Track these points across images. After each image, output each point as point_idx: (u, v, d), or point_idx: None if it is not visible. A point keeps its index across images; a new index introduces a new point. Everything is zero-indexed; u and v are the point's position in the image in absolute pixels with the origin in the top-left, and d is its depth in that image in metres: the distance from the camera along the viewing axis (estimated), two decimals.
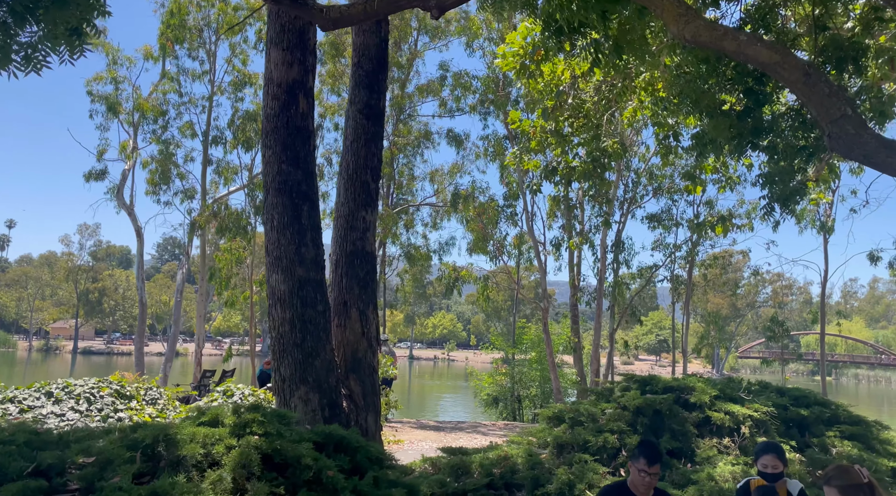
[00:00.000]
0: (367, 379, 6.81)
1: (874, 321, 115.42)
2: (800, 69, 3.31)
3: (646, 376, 8.64)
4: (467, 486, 7.30)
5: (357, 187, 7.27)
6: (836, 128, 3.37)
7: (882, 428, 8.22)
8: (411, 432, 14.78)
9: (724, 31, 3.53)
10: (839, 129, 3.36)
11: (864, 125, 3.44)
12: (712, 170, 14.87)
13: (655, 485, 4.60)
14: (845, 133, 3.35)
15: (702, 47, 5.03)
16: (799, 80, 3.36)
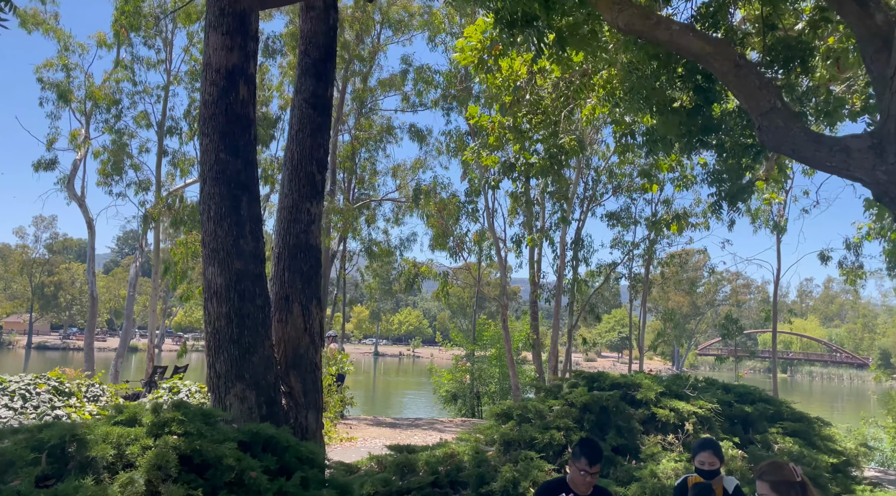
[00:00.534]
0: (309, 375, 6.62)
1: (828, 320, 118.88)
2: (730, 60, 3.26)
3: (594, 373, 8.63)
4: (412, 485, 7.18)
5: (302, 178, 7.06)
6: (766, 121, 3.34)
7: (824, 424, 8.35)
8: (366, 429, 14.61)
9: (658, 21, 3.46)
10: (769, 121, 3.33)
11: (794, 118, 3.41)
12: (668, 168, 15.02)
13: (595, 483, 4.54)
14: (775, 126, 3.31)
15: (636, 36, 4.98)
16: (730, 72, 3.31)
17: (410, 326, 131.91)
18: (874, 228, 16.53)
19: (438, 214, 19.55)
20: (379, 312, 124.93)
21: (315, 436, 6.52)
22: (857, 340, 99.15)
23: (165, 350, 71.45)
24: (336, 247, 23.09)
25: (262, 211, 6.68)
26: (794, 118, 3.41)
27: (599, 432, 7.63)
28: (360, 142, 23.64)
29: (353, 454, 10.66)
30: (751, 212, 19.23)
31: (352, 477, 7.79)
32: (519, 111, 12.27)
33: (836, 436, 8.15)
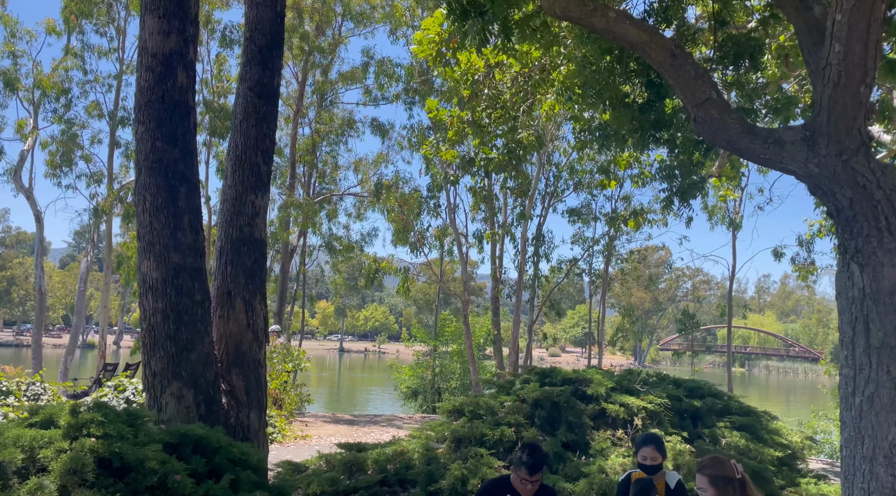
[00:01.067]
0: (252, 373, 6.42)
1: (785, 315, 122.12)
2: (666, 49, 3.20)
3: (546, 368, 8.60)
4: (359, 484, 7.04)
5: (246, 169, 6.85)
6: (702, 112, 3.29)
7: (771, 418, 8.46)
8: (323, 427, 14.39)
9: (594, 8, 3.39)
10: (704, 113, 3.28)
11: (729, 109, 3.37)
12: (626, 165, 15.10)
13: (537, 489, 4.47)
14: (710, 117, 3.27)
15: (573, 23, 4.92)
16: (665, 61, 3.26)
17: (376, 322, 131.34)
18: (825, 225, 16.90)
19: (400, 209, 19.37)
20: (344, 308, 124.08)
21: (258, 435, 6.33)
22: (812, 335, 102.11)
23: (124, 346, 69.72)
24: (296, 241, 22.75)
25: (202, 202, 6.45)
26: (729, 110, 3.36)
27: (550, 428, 7.60)
28: (321, 135, 23.29)
29: (307, 452, 10.45)
30: (707, 209, 19.53)
31: (299, 476, 7.62)
32: (478, 106, 12.17)
33: (783, 429, 8.26)
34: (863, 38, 2.75)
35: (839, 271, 3.29)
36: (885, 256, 3.06)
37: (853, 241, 3.15)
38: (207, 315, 6.17)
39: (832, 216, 3.25)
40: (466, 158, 14.45)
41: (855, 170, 3.05)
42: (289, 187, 21.77)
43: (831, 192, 3.13)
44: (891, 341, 3.03)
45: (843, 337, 3.24)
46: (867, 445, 3.02)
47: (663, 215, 21.23)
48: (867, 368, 3.07)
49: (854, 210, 3.10)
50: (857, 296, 3.14)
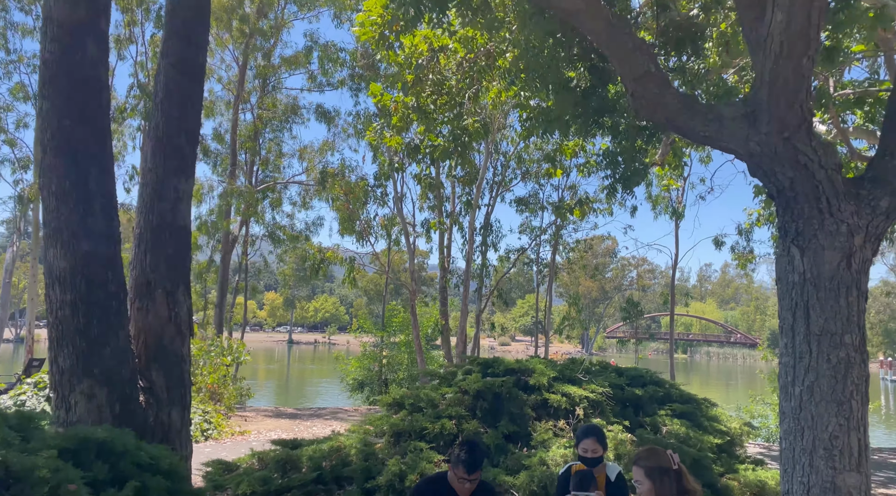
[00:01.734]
0: (174, 369, 6.01)
1: (725, 303, 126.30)
2: (603, 18, 3.00)
3: (489, 358, 8.42)
4: (293, 482, 6.72)
5: (168, 151, 6.39)
6: (640, 86, 3.11)
7: (711, 405, 8.49)
8: (263, 422, 13.94)
9: None
10: (642, 87, 3.10)
11: (668, 84, 3.19)
12: (572, 153, 15.06)
13: (476, 487, 4.26)
14: (648, 92, 3.09)
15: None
16: (603, 31, 3.06)
17: (327, 313, 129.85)
18: (763, 214, 17.27)
19: (345, 198, 18.90)
20: (293, 299, 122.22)
21: (180, 435, 5.94)
22: (750, 322, 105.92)
23: None
24: (238, 231, 22.02)
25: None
26: (668, 84, 3.19)
27: (492, 419, 7.42)
28: (264, 121, 22.54)
29: (244, 449, 10.01)
30: (651, 198, 19.75)
31: (229, 476, 7.24)
32: (423, 91, 11.87)
33: (722, 416, 8.31)
34: (806, 7, 2.60)
35: (779, 255, 3.15)
36: (826, 239, 2.94)
37: (794, 224, 3.01)
38: (123, 307, 5.73)
39: (772, 197, 3.12)
40: (412, 145, 14.14)
41: (796, 148, 2.92)
42: (230, 175, 21.01)
43: (772, 171, 2.99)
44: (831, 328, 2.91)
45: (782, 324, 3.11)
46: (807, 437, 2.90)
47: (608, 204, 21.43)
48: (807, 357, 2.95)
49: (795, 191, 2.96)
50: (798, 282, 3.01)
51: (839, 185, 2.95)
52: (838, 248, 2.93)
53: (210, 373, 13.97)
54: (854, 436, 2.84)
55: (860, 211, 2.95)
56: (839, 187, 2.95)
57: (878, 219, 2.96)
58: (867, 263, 2.97)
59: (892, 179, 2.96)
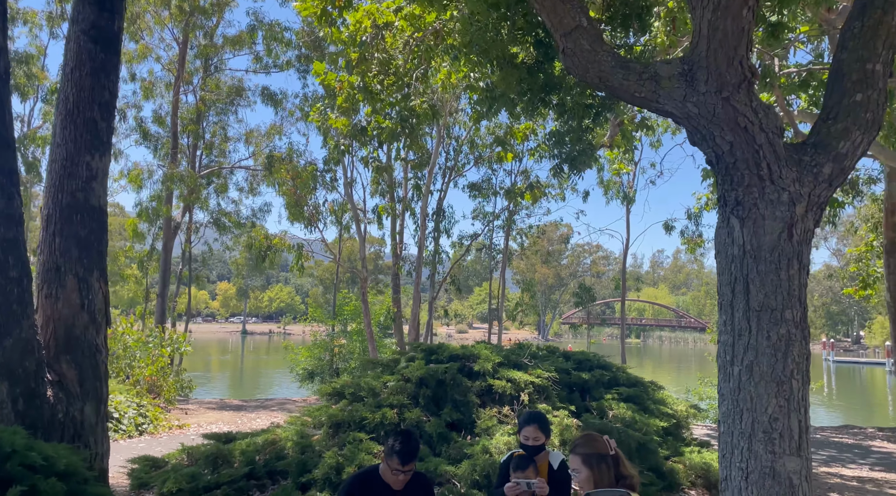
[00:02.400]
0: (87, 361, 5.56)
1: (676, 288, 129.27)
2: None
3: (433, 345, 8.16)
4: (222, 478, 6.34)
5: (80, 126, 5.89)
6: (570, 42, 2.86)
7: (657, 388, 8.42)
8: (204, 414, 13.43)
9: None
10: (573, 43, 2.85)
11: (601, 40, 2.95)
12: (523, 137, 14.89)
13: (410, 478, 3.99)
14: (580, 48, 2.84)
15: None
16: None
17: (282, 303, 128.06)
18: (712, 199, 17.45)
19: (292, 183, 18.34)
20: (247, 289, 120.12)
21: (94, 430, 5.50)
22: (701, 306, 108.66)
23: None
24: (180, 217, 21.22)
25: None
26: (601, 41, 2.94)
27: (435, 407, 7.17)
28: (207, 103, 21.70)
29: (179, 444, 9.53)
30: (603, 183, 19.78)
31: (156, 473, 6.82)
32: (369, 70, 11.47)
33: (669, 399, 8.25)
34: None
35: (718, 227, 2.95)
36: (767, 208, 2.74)
37: (733, 193, 2.81)
38: (27, 294, 5.25)
39: (711, 164, 2.91)
40: (358, 127, 13.72)
41: (736, 109, 2.71)
42: (171, 159, 20.17)
43: (710, 135, 2.78)
44: (772, 303, 2.72)
45: (721, 300, 2.91)
46: (745, 420, 2.71)
47: (560, 189, 21.42)
48: (746, 334, 2.75)
49: (734, 156, 2.75)
50: (737, 254, 2.81)
51: (780, 151, 2.76)
52: (779, 218, 2.74)
53: (148, 365, 13.37)
54: (794, 418, 2.66)
55: (802, 178, 2.77)
56: (780, 153, 2.75)
57: (820, 186, 2.78)
58: (809, 234, 2.79)
59: (836, 144, 2.78)
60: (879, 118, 2.79)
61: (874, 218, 19.80)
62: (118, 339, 13.42)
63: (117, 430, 10.42)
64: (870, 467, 10.03)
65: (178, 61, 20.44)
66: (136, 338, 13.58)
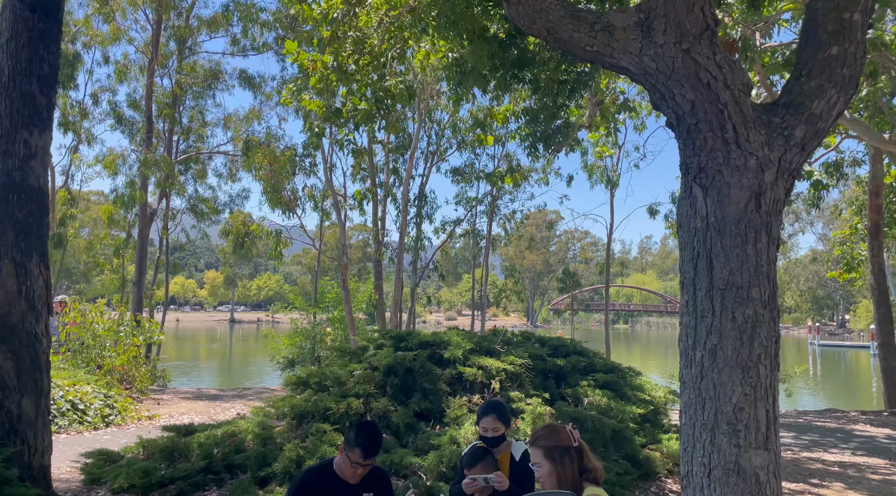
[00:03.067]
0: (26, 351, 5.23)
1: (664, 274, 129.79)
2: None
3: (403, 331, 7.88)
4: (178, 473, 6.04)
5: (16, 100, 5.52)
6: None
7: (635, 374, 8.19)
8: (178, 405, 13.10)
9: None
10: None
11: None
12: (503, 119, 14.56)
13: (367, 472, 3.73)
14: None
15: None
16: None
17: (270, 292, 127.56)
18: None
19: (270, 168, 17.91)
20: (234, 278, 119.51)
21: (34, 425, 5.18)
22: None
23: None
24: (157, 204, 20.75)
25: None
26: None
27: (403, 396, 6.90)
28: (183, 87, 21.16)
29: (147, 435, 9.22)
30: (587, 167, 19.49)
31: (109, 468, 6.51)
32: (343, 50, 11.09)
33: (647, 385, 8.01)
34: None
35: (680, 197, 2.67)
36: (732, 175, 2.46)
37: (695, 158, 2.52)
38: None
39: (672, 127, 2.62)
40: (333, 108, 13.34)
41: (697, 63, 2.41)
42: (146, 144, 19.67)
43: (670, 93, 2.49)
44: (737, 281, 2.44)
45: (683, 278, 2.63)
46: (708, 410, 2.44)
47: (544, 174, 21.10)
48: (710, 315, 2.48)
49: (696, 116, 2.46)
50: (700, 227, 2.53)
51: (748, 111, 2.47)
52: (746, 186, 2.46)
53: (119, 354, 13.01)
54: (761, 407, 2.40)
55: (772, 141, 2.48)
56: (748, 113, 2.47)
57: (792, 151, 2.50)
58: (779, 204, 2.51)
59: (809, 104, 2.50)
60: (857, 74, 2.51)
61: (858, 200, 19.68)
62: (87, 328, 13.04)
63: (82, 422, 10.09)
64: (852, 452, 9.89)
65: (152, 43, 19.88)
66: (107, 327, 13.20)
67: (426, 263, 20.66)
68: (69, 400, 10.20)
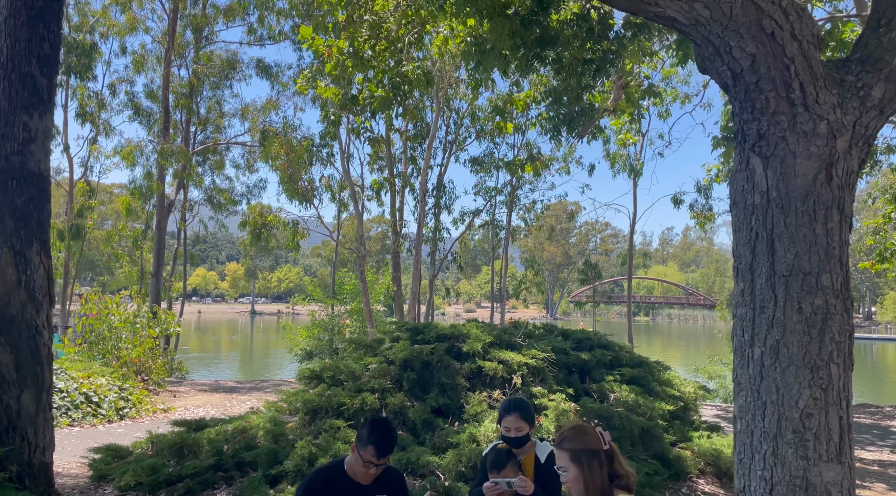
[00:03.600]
0: (26, 343, 5.01)
1: (686, 266, 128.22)
2: None
3: (419, 324, 7.58)
4: (186, 470, 5.81)
5: (15, 81, 5.29)
6: None
7: (664, 368, 7.81)
8: (194, 397, 12.97)
9: None
10: None
11: None
12: (523, 106, 14.14)
13: (381, 472, 3.44)
14: None
15: None
16: None
17: (291, 283, 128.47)
18: (722, 171, 16.66)
19: (286, 158, 17.69)
20: (255, 270, 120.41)
21: (33, 421, 4.95)
22: (711, 284, 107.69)
23: None
24: (174, 195, 20.64)
25: None
26: None
27: (420, 392, 6.60)
28: (200, 77, 20.98)
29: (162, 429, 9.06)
30: (609, 156, 18.99)
31: (117, 464, 6.31)
32: (359, 35, 10.78)
33: (675, 380, 7.63)
34: None
35: (735, 171, 2.31)
36: (799, 143, 2.10)
37: (755, 123, 2.17)
38: None
39: (727, 88, 2.26)
40: (349, 96, 13.04)
41: (760, 8, 2.06)
42: (163, 134, 19.55)
43: (726, 47, 2.13)
44: (804, 266, 2.09)
45: (738, 264, 2.28)
46: (770, 416, 2.09)
47: (564, 162, 20.62)
48: (771, 306, 2.13)
49: (757, 73, 2.11)
50: (759, 204, 2.17)
51: (817, 67, 2.11)
52: (815, 155, 2.10)
53: (135, 346, 12.89)
54: (833, 414, 2.05)
55: (845, 103, 2.13)
56: (817, 69, 2.11)
57: (868, 114, 2.14)
58: (852, 176, 2.15)
59: (890, 59, 2.13)
60: None
61: (892, 188, 18.96)
62: (104, 320, 12.94)
63: (96, 415, 9.95)
64: (890, 449, 9.42)
65: (169, 32, 19.72)
66: (123, 319, 13.09)
67: (444, 255, 20.34)
68: (83, 392, 10.07)
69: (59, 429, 9.26)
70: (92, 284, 54.50)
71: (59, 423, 9.37)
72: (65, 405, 9.72)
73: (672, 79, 18.17)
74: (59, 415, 9.51)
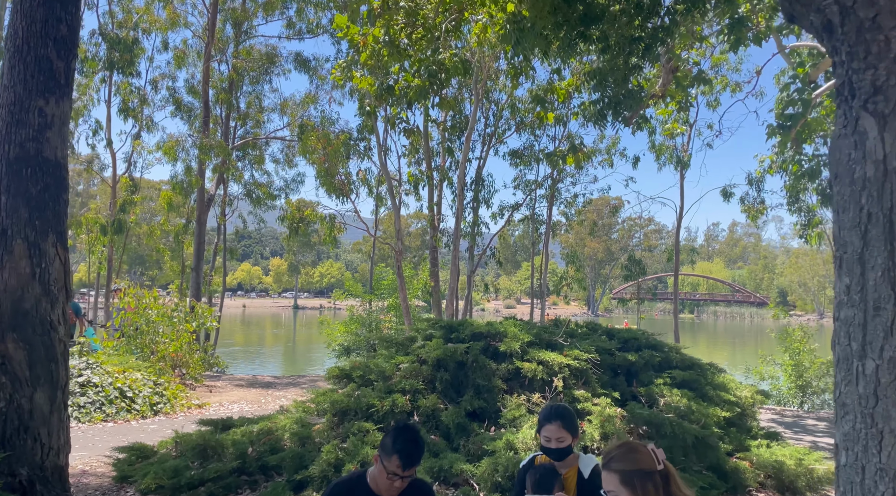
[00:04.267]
0: (40, 340, 4.78)
1: (732, 262, 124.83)
2: None
3: (454, 321, 7.18)
4: (208, 473, 5.53)
5: (31, 65, 5.06)
6: None
7: (717, 371, 7.23)
8: (231, 392, 12.84)
9: None
10: None
11: None
12: (565, 95, 13.58)
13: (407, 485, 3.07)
14: None
15: None
16: None
17: (332, 278, 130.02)
18: (776, 162, 15.79)
19: (323, 152, 17.49)
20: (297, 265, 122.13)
21: (47, 421, 4.72)
22: (758, 281, 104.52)
23: None
24: (214, 190, 20.70)
25: None
26: None
27: (455, 393, 6.20)
28: (239, 72, 20.97)
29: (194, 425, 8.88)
30: (655, 148, 18.24)
31: (139, 465, 6.09)
32: (394, 23, 10.43)
33: (731, 384, 7.06)
34: None
35: (836, 138, 1.84)
36: None
37: (867, 73, 1.69)
38: None
39: (829, 31, 1.79)
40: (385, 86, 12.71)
41: None
42: (201, 130, 19.59)
43: None
44: None
45: (842, 254, 1.81)
46: (888, 448, 1.63)
47: (608, 155, 19.93)
48: (889, 307, 1.65)
49: (876, 5, 1.64)
50: (873, 176, 1.70)
51: None
52: None
53: (172, 340, 12.83)
54: None
55: None
56: None
57: None
58: None
59: None
60: None
61: None
62: (141, 314, 12.92)
63: (130, 410, 9.86)
64: None
65: (209, 27, 19.73)
66: (160, 313, 13.04)
67: (483, 250, 19.89)
68: (118, 387, 9.99)
69: (93, 424, 9.18)
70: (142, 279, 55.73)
71: (92, 419, 9.29)
72: (99, 400, 9.64)
73: (722, 66, 17.34)
74: (92, 411, 9.43)
